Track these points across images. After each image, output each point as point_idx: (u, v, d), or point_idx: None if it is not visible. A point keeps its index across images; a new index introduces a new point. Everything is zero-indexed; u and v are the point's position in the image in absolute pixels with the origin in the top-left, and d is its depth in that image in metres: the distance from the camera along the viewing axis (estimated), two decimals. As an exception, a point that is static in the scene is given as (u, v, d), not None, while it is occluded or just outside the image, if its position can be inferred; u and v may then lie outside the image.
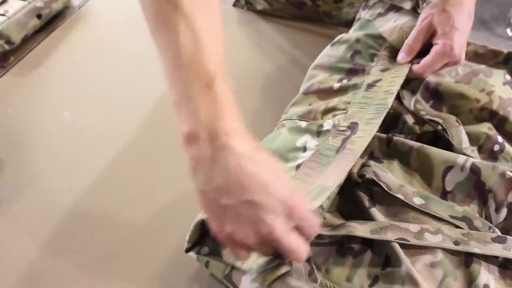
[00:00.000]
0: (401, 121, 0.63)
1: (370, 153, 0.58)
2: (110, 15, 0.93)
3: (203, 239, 0.51)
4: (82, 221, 0.59)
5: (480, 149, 0.59)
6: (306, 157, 0.52)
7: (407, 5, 0.70)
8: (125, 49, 0.84)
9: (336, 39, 0.69)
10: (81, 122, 0.71)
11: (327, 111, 0.58)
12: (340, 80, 0.62)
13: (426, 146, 0.56)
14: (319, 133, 0.55)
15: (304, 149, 0.54)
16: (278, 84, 0.76)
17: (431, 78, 0.67)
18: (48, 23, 0.89)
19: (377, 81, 0.60)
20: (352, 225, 0.50)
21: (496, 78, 0.66)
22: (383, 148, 0.58)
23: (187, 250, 0.51)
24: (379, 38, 0.65)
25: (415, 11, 0.69)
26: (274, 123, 0.61)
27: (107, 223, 0.59)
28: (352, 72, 0.63)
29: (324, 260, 0.50)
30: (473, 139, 0.59)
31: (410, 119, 0.63)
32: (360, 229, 0.49)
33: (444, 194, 0.54)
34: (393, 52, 0.64)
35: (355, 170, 0.54)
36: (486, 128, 0.59)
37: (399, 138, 0.58)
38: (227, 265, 0.49)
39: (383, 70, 0.61)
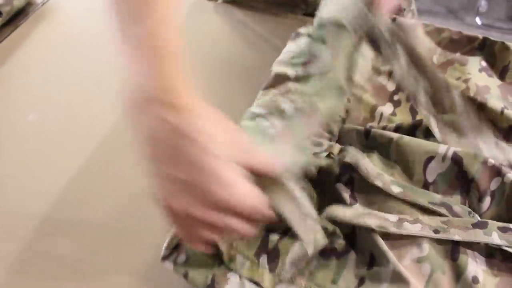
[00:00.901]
0: (378, 113, 0.62)
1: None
2: (75, 11, 0.89)
3: (179, 246, 0.49)
4: (51, 227, 0.56)
5: None
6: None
7: None
8: (91, 45, 0.81)
9: (295, 33, 0.67)
10: (48, 122, 0.68)
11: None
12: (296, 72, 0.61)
13: (406, 137, 0.55)
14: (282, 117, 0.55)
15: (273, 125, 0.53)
16: (256, 73, 0.74)
17: None
18: (10, 20, 0.85)
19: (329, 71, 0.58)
20: (332, 210, 0.49)
21: (472, 65, 0.66)
22: (362, 140, 0.57)
23: (164, 258, 0.49)
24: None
25: None
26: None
27: (77, 229, 0.56)
28: (306, 63, 0.61)
29: (306, 263, 0.48)
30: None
31: (387, 110, 0.62)
32: (340, 213, 0.48)
33: (426, 186, 0.53)
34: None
35: (336, 152, 0.53)
36: None
37: (377, 130, 0.57)
38: (208, 275, 0.47)
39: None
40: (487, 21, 2.29)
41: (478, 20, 2.28)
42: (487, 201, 0.51)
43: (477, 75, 0.64)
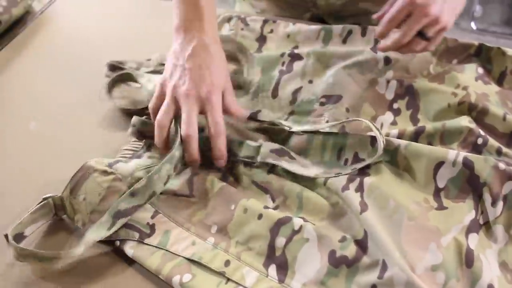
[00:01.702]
0: (378, 122, 0.62)
1: (354, 154, 0.57)
2: (74, 20, 0.88)
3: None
4: (54, 238, 0.55)
5: (462, 143, 0.57)
6: None
7: None
8: (90, 55, 0.80)
9: None
10: (48, 131, 0.67)
11: None
12: None
13: (413, 143, 0.54)
14: None
15: None
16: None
17: (402, 76, 0.66)
18: (8, 30, 0.84)
19: None
20: None
21: (468, 73, 0.65)
22: (368, 148, 0.56)
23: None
24: None
25: None
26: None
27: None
28: None
29: (316, 272, 0.48)
30: (455, 132, 0.57)
31: (387, 119, 0.62)
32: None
33: (437, 191, 0.52)
34: None
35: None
36: (466, 121, 0.58)
37: (384, 138, 0.56)
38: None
39: None
40: (482, 25, 2.29)
41: (473, 25, 2.28)
42: (499, 205, 0.50)
43: (473, 84, 0.63)
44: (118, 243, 0.52)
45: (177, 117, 0.58)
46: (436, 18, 0.58)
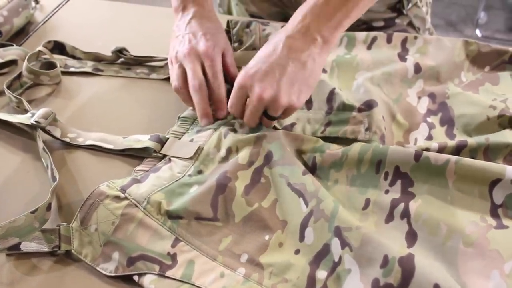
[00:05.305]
0: (412, 137, 0.59)
1: (395, 167, 0.52)
2: (76, 30, 0.84)
3: None
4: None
5: (509, 157, 0.53)
6: None
7: None
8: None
9: None
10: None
11: None
12: None
13: (465, 158, 0.50)
14: None
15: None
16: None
17: (433, 88, 0.63)
18: (10, 40, 0.79)
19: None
20: None
21: (504, 83, 0.62)
22: (411, 161, 0.51)
23: None
24: None
25: None
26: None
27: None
28: None
29: None
30: (500, 147, 0.53)
31: (422, 134, 0.59)
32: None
33: (494, 209, 0.48)
34: None
35: None
36: (510, 135, 0.54)
37: (430, 153, 0.51)
38: None
39: None
40: (487, 33, 2.27)
41: (478, 32, 2.26)
42: None
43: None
44: (136, 278, 0.47)
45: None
46: (274, 101, 0.54)
